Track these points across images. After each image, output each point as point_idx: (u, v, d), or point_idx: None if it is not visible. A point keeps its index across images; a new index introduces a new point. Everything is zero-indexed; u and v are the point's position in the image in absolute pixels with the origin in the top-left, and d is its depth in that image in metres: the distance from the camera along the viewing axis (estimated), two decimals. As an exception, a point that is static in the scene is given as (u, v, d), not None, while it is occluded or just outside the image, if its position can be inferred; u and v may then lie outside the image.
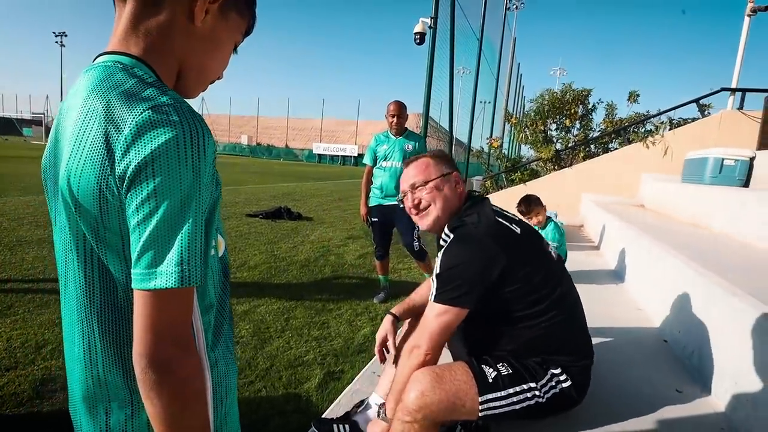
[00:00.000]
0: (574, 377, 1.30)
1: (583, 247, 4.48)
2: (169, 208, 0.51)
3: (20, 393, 2.01)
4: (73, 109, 0.58)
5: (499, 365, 1.28)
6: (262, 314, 3.16)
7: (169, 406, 0.54)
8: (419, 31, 6.46)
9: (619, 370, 1.78)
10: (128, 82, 0.56)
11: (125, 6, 0.61)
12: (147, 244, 0.51)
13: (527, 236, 1.33)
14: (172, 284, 0.51)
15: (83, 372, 0.62)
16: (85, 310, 0.60)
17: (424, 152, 3.51)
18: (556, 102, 6.56)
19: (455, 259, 1.26)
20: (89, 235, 0.57)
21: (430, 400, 1.18)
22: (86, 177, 0.54)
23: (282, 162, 37.90)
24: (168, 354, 0.53)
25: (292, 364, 2.47)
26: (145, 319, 0.52)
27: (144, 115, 0.51)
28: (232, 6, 0.66)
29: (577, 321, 1.39)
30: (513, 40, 18.88)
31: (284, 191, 11.95)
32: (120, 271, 0.58)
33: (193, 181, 0.53)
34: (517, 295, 1.27)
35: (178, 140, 0.52)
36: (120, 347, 0.61)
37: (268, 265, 4.47)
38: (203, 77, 0.69)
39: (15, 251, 4.26)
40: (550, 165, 6.70)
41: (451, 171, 1.44)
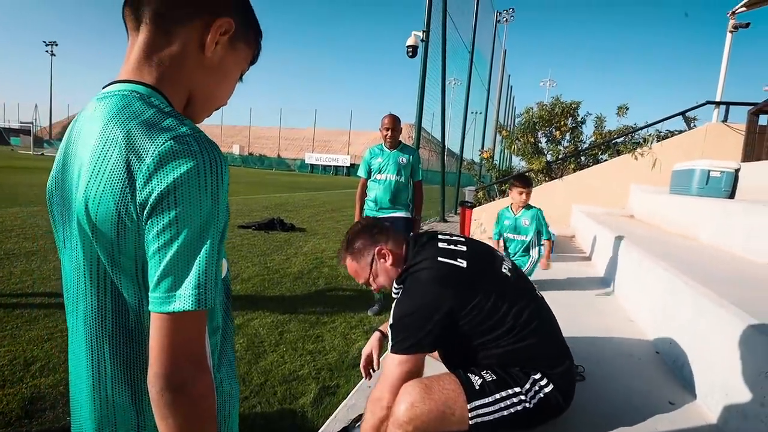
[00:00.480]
0: (555, 382, 1.33)
1: (575, 257, 4.53)
2: (189, 234, 0.54)
3: (8, 412, 1.97)
4: (88, 135, 0.59)
5: (483, 372, 1.32)
6: (255, 328, 3.14)
7: (185, 424, 0.55)
8: (411, 44, 6.56)
9: (611, 382, 1.80)
10: (147, 111, 0.57)
11: (138, 36, 0.63)
12: (167, 269, 0.53)
13: (473, 266, 1.36)
14: (189, 307, 0.53)
15: (91, 393, 0.63)
16: (96, 332, 0.61)
17: (418, 165, 3.59)
18: (545, 114, 6.68)
19: (405, 309, 1.31)
20: (104, 258, 0.58)
21: (420, 410, 1.20)
22: (105, 202, 0.55)
23: (274, 172, 37.85)
24: (184, 374, 0.54)
25: (286, 379, 2.46)
26: (162, 340, 0.54)
27: (166, 145, 0.54)
28: (241, 38, 0.69)
29: (545, 330, 1.42)
30: (503, 52, 19.22)
31: (277, 202, 11.93)
32: (132, 295, 0.60)
33: (212, 208, 0.55)
34: (473, 325, 1.31)
35: (199, 169, 0.54)
36: (129, 369, 0.62)
37: (261, 277, 4.45)
38: (210, 104, 0.71)
39: (2, 264, 4.19)
40: (541, 176, 6.80)
41: (372, 252, 1.47)
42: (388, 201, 3.48)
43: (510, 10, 21.26)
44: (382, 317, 3.53)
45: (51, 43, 53.44)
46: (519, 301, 1.37)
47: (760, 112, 5.17)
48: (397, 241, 1.52)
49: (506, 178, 7.44)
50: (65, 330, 2.65)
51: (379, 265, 1.48)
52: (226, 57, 0.67)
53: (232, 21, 0.65)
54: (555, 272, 3.88)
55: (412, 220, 3.60)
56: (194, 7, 0.63)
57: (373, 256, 1.48)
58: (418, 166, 3.61)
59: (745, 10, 6.18)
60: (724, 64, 6.30)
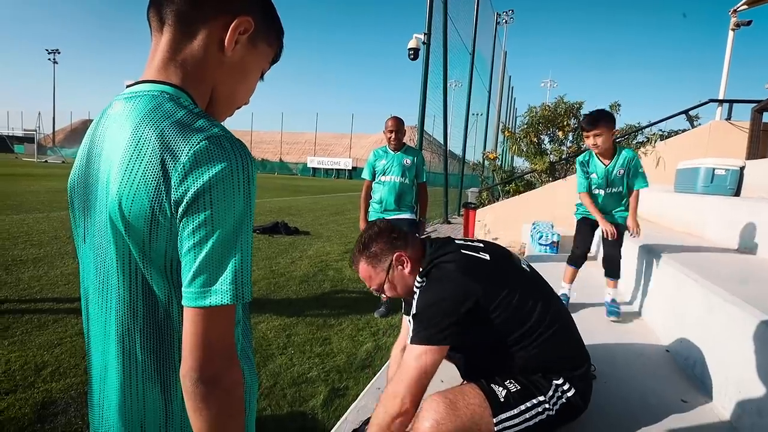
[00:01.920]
0: (576, 385, 1.32)
1: (581, 257, 4.51)
2: (224, 232, 0.55)
3: (21, 417, 1.98)
4: (118, 135, 0.60)
5: (507, 383, 1.29)
6: (263, 331, 3.15)
7: (219, 416, 0.56)
8: (413, 47, 6.58)
9: (624, 382, 1.80)
10: (179, 112, 0.59)
11: (162, 36, 0.64)
12: (202, 265, 0.54)
13: (497, 260, 1.35)
14: (227, 301, 0.55)
15: (122, 387, 0.64)
16: (128, 325, 0.62)
17: (422, 166, 3.59)
18: (548, 114, 6.68)
19: (431, 298, 1.26)
20: (136, 254, 0.59)
21: (445, 428, 1.16)
22: (139, 199, 0.56)
23: (277, 176, 37.93)
24: (216, 367, 0.56)
25: (295, 382, 2.46)
26: (196, 335, 0.55)
27: (201, 145, 0.55)
28: (261, 37, 0.69)
29: (567, 330, 1.41)
30: (504, 53, 19.25)
31: (280, 206, 11.95)
32: (162, 290, 0.61)
33: (245, 207, 0.57)
34: (502, 320, 1.27)
35: (232, 170, 0.55)
36: (159, 362, 0.63)
37: (267, 281, 4.46)
38: (232, 103, 0.72)
39: (10, 271, 4.21)
40: (544, 176, 6.79)
41: (390, 258, 1.41)
42: (393, 203, 3.49)
43: (510, 12, 21.34)
44: (390, 319, 3.53)
45: (53, 51, 53.85)
46: (542, 298, 1.35)
47: (764, 110, 5.16)
48: (416, 246, 1.46)
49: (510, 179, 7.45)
50: (75, 335, 2.66)
51: (397, 272, 1.42)
52: (247, 56, 0.68)
53: (251, 20, 0.65)
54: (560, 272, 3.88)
55: (418, 222, 3.61)
56: (214, 5, 0.64)
57: (390, 263, 1.41)
58: (423, 167, 3.62)
59: (746, 7, 6.18)
60: (727, 62, 6.30)
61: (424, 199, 3.69)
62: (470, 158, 14.48)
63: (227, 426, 0.57)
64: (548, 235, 4.62)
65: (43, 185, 13.60)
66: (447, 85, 8.50)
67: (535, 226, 5.02)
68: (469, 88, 10.83)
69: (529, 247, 4.98)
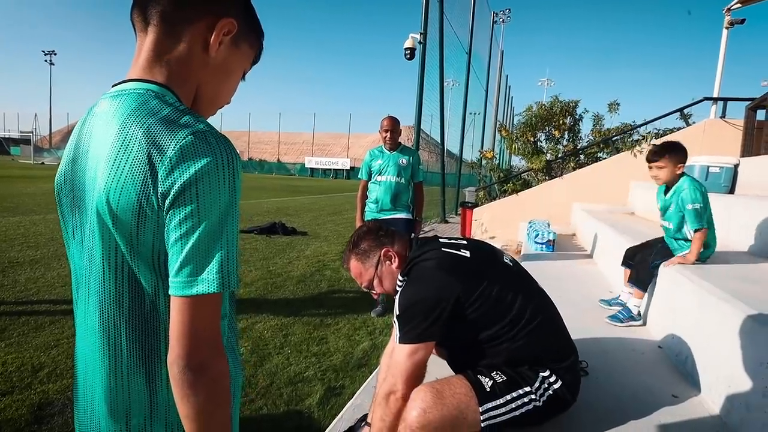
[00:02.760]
0: (563, 377, 1.34)
1: (576, 255, 4.54)
2: (210, 223, 0.57)
3: (18, 418, 1.98)
4: (104, 132, 0.61)
5: (493, 374, 1.32)
6: (260, 331, 3.16)
7: (206, 403, 0.58)
8: (409, 47, 6.60)
9: (616, 377, 1.81)
10: (164, 109, 0.60)
11: (146, 36, 0.65)
12: (189, 256, 0.56)
13: (478, 256, 1.40)
14: (214, 289, 0.56)
15: (107, 378, 0.65)
16: (113, 318, 0.63)
17: (418, 166, 3.60)
18: (544, 113, 6.71)
19: (411, 297, 1.31)
20: (123, 247, 0.61)
21: (432, 416, 1.20)
22: (126, 193, 0.58)
23: (275, 176, 37.91)
24: (203, 355, 0.57)
25: (292, 381, 2.47)
26: (183, 324, 0.56)
27: (187, 140, 0.57)
28: (243, 38, 0.71)
29: (552, 323, 1.43)
30: (501, 52, 19.29)
31: (278, 206, 11.95)
32: (149, 282, 0.62)
33: (230, 199, 0.59)
34: (482, 312, 1.31)
35: (218, 163, 0.57)
36: (144, 353, 0.64)
37: (265, 281, 4.47)
38: (215, 102, 0.74)
39: (7, 273, 4.21)
40: (541, 175, 6.82)
41: (378, 254, 1.47)
42: (389, 202, 3.50)
43: (507, 11, 21.35)
44: (386, 318, 3.55)
45: (50, 52, 53.65)
46: (523, 291, 1.38)
47: (758, 107, 5.19)
48: (402, 243, 1.53)
49: (507, 178, 7.47)
50: (71, 336, 2.66)
51: (385, 267, 1.49)
52: (230, 56, 0.70)
53: (234, 22, 0.67)
54: (556, 270, 3.90)
55: (414, 221, 3.62)
56: (199, 7, 0.65)
57: (379, 258, 1.48)
58: (418, 167, 3.63)
59: (740, 6, 6.21)
60: (721, 61, 6.33)
61: (420, 199, 3.70)
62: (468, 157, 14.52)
63: (214, 414, 0.59)
64: (544, 234, 4.63)
65: (39, 187, 13.56)
66: (444, 84, 8.52)
67: (531, 225, 5.04)
68: (465, 88, 10.86)
69: (525, 246, 5.00)
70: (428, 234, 8.32)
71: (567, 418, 1.44)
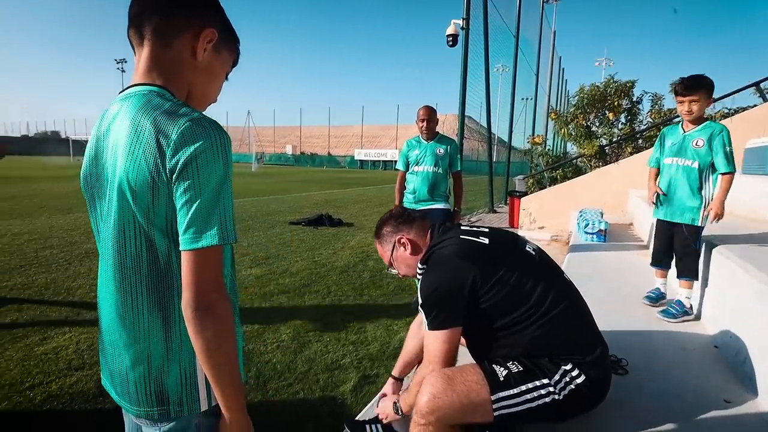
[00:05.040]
0: (587, 372, 1.27)
1: (631, 246, 4.25)
2: (209, 189, 0.69)
3: (87, 391, 2.22)
4: (120, 127, 0.74)
5: (509, 364, 1.29)
6: (302, 319, 3.28)
7: (215, 337, 0.70)
8: (451, 33, 6.44)
9: (659, 377, 1.70)
10: (166, 104, 0.73)
11: (143, 49, 0.78)
12: (194, 217, 0.69)
13: (497, 243, 1.41)
14: (216, 242, 0.69)
15: (131, 327, 0.76)
16: (134, 278, 0.75)
17: (456, 155, 3.53)
18: (597, 95, 6.26)
19: (430, 285, 1.34)
20: (141, 218, 0.73)
21: (442, 402, 1.21)
22: (142, 172, 0.70)
23: (325, 169, 38.79)
24: (210, 299, 0.70)
25: (329, 368, 2.55)
26: (192, 273, 0.69)
27: (186, 125, 0.69)
28: (223, 45, 0.84)
29: (575, 313, 1.37)
30: (553, 33, 18.27)
31: (326, 198, 12.25)
32: (163, 245, 0.74)
33: (224, 171, 0.71)
34: (500, 298, 1.29)
35: (212, 142, 0.70)
36: (161, 303, 0.76)
37: (309, 271, 4.62)
38: (204, 99, 0.87)
39: (83, 262, 4.69)
40: (594, 161, 6.42)
41: (393, 240, 1.57)
42: (426, 193, 3.47)
43: (560, -12, 20.10)
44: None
45: (121, 60, 58.16)
46: (544, 280, 1.34)
47: None
48: (421, 230, 1.56)
49: (557, 165, 7.11)
50: None
51: (399, 252, 1.56)
52: (213, 61, 0.83)
53: (215, 31, 0.80)
54: (606, 262, 3.69)
55: (452, 212, 3.57)
56: (185, 22, 0.78)
57: (393, 244, 1.56)
58: (457, 156, 3.56)
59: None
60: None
61: (459, 189, 3.64)
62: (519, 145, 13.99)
63: (221, 346, 0.71)
64: (595, 223, 4.38)
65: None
66: (489, 69, 8.23)
67: (582, 214, 4.79)
68: (513, 72, 10.42)
69: (575, 236, 4.76)
70: (475, 224, 8.16)
71: (597, 415, 1.37)
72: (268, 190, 14.70)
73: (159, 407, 0.77)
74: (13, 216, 7.50)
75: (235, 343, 0.74)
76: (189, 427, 0.79)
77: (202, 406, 0.79)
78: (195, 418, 0.79)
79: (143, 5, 0.77)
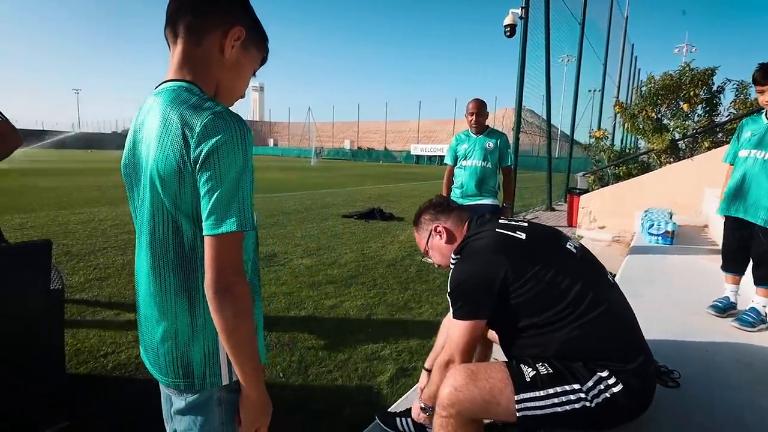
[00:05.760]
0: (626, 381, 1.19)
1: (702, 250, 3.89)
2: (229, 179, 0.74)
3: (150, 363, 2.46)
4: (152, 120, 0.80)
5: (538, 365, 1.24)
6: (346, 309, 3.37)
7: (234, 317, 0.75)
8: (509, 23, 6.21)
9: (717, 393, 1.55)
10: (192, 98, 0.78)
11: (176, 47, 0.84)
12: (215, 205, 0.73)
13: (534, 239, 1.37)
14: (234, 228, 0.73)
15: (161, 305, 0.83)
16: (162, 259, 0.82)
17: (507, 149, 3.42)
18: (671, 84, 5.71)
19: (461, 275, 1.35)
20: (169, 205, 0.79)
21: (463, 396, 1.20)
22: (170, 162, 0.75)
23: (381, 164, 39.14)
24: (230, 280, 0.74)
25: (368, 358, 2.61)
26: (213, 257, 0.74)
27: (209, 119, 0.74)
28: (252, 43, 0.88)
29: (616, 317, 1.29)
30: (625, 19, 16.94)
31: (380, 192, 12.38)
32: (189, 230, 0.79)
33: (243, 162, 0.75)
34: (532, 295, 1.26)
35: (233, 134, 0.74)
36: (186, 284, 0.81)
37: (357, 263, 4.72)
38: (231, 94, 0.91)
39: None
40: (664, 156, 5.88)
41: (429, 228, 1.58)
42: (474, 188, 3.41)
43: (636, -31, 18.55)
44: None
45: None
46: (583, 280, 1.27)
47: None
48: (458, 221, 1.56)
49: (620, 160, 6.62)
50: None
51: (434, 240, 1.57)
52: (241, 58, 0.87)
53: (243, 29, 0.84)
54: (670, 266, 3.40)
55: (501, 208, 3.47)
56: (215, 20, 0.82)
57: (430, 232, 1.57)
58: (507, 150, 3.45)
59: None
60: None
61: (509, 184, 3.53)
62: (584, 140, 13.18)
63: (240, 327, 0.76)
64: (661, 224, 4.05)
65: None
66: (549, 60, 7.83)
67: (647, 214, 4.44)
68: (578, 63, 9.82)
69: (638, 237, 4.43)
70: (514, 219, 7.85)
71: (635, 428, 1.28)
72: (325, 183, 15.13)
73: (185, 379, 0.84)
74: (101, 203, 8.38)
75: (253, 324, 0.79)
76: (211, 400, 0.85)
77: (224, 380, 0.84)
78: (217, 391, 0.85)
79: (179, 3, 0.82)
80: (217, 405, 0.86)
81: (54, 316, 1.87)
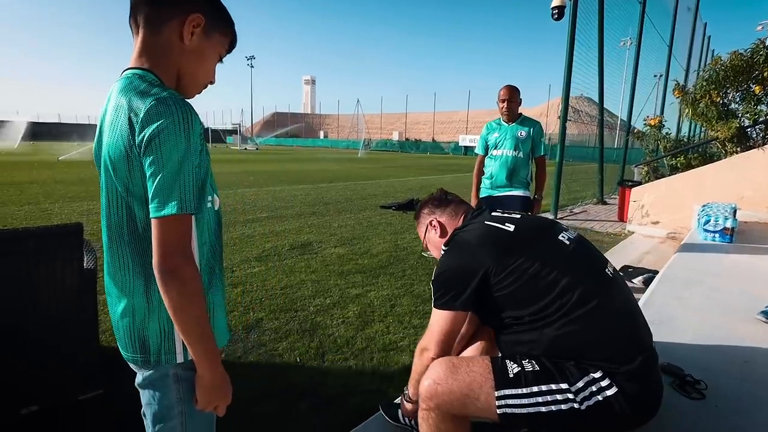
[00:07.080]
0: (622, 384, 1.09)
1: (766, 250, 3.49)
2: (171, 163, 0.76)
3: (235, 331, 2.75)
4: (108, 107, 0.84)
5: (525, 362, 1.18)
6: (371, 299, 3.38)
7: (179, 298, 0.78)
8: (557, 5, 5.86)
9: (748, 410, 1.39)
10: (141, 85, 0.81)
11: (138, 36, 0.87)
12: (159, 188, 0.76)
13: (522, 231, 1.32)
14: (175, 211, 0.76)
15: (120, 283, 0.87)
16: (118, 240, 0.86)
17: (540, 138, 3.25)
18: (741, 65, 5.09)
19: (443, 265, 1.34)
20: (121, 189, 0.82)
21: (441, 389, 1.17)
22: (119, 147, 0.79)
23: (428, 155, 38.77)
24: (175, 263, 0.77)
25: (386, 348, 2.60)
26: (158, 239, 0.77)
27: (152, 104, 0.76)
28: (214, 29, 0.90)
29: (611, 316, 1.18)
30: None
31: (422, 184, 12.28)
32: (141, 212, 0.82)
33: (186, 146, 0.77)
34: (515, 289, 1.20)
35: (175, 119, 0.76)
36: (142, 263, 0.85)
37: (389, 254, 4.71)
38: (195, 81, 0.93)
39: (248, 225, 5.77)
40: (730, 146, 5.30)
41: (426, 222, 1.58)
42: (504, 178, 3.28)
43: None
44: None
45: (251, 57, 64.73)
46: (572, 273, 1.19)
47: None
48: (453, 214, 1.55)
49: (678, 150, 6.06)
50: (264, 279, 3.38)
51: (430, 234, 1.57)
52: (202, 44, 0.89)
53: (201, 16, 0.86)
54: (722, 266, 3.09)
55: (532, 199, 3.31)
56: (172, 9, 0.85)
57: (426, 227, 1.58)
58: (540, 139, 3.28)
59: None
60: None
61: (542, 175, 3.36)
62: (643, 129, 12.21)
63: (187, 309, 0.79)
64: (719, 220, 3.67)
65: (250, 167, 16.92)
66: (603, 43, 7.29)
67: (705, 209, 4.05)
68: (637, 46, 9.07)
69: (692, 233, 4.06)
70: (578, 216, 7.45)
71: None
72: (369, 175, 15.24)
73: (141, 355, 0.88)
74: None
75: (202, 306, 0.81)
76: (167, 376, 0.89)
77: (178, 358, 0.88)
78: (172, 368, 0.88)
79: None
80: (173, 381, 0.89)
81: (88, 293, 2.03)
